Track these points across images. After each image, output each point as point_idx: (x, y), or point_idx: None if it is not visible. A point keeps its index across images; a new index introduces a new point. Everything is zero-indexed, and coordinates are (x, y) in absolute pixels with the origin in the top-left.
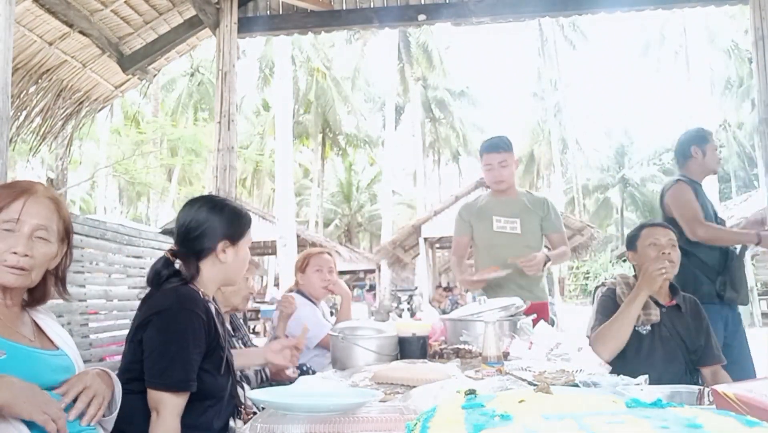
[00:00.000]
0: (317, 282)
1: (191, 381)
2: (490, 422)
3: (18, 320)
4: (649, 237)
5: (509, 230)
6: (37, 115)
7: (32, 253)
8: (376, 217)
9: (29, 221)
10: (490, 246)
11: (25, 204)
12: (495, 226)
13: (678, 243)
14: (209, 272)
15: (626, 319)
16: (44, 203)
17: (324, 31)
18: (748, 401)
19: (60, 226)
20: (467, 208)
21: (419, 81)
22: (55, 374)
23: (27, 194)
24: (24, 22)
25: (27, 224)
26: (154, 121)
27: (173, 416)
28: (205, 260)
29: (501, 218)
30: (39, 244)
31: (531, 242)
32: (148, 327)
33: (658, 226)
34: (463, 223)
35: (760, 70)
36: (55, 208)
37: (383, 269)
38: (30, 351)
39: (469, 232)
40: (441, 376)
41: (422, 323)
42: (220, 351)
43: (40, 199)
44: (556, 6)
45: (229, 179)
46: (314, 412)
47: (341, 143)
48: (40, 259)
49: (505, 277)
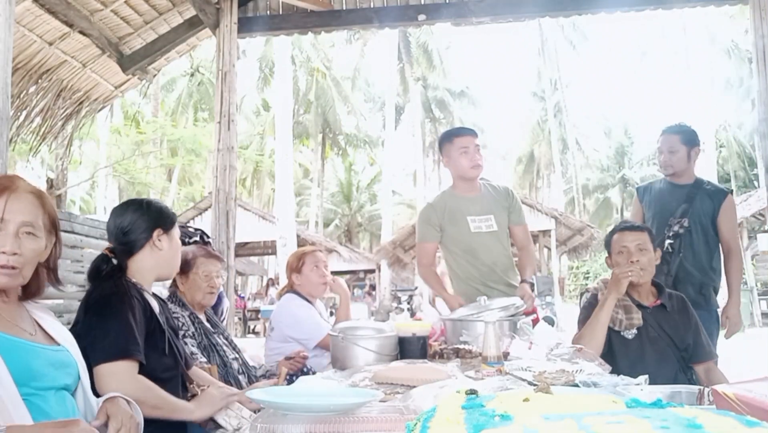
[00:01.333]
0: (316, 279)
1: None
2: (490, 422)
3: (18, 316)
4: (619, 243)
5: (485, 228)
6: (37, 115)
7: (21, 250)
8: (376, 217)
9: (14, 218)
10: (469, 249)
11: (7, 202)
12: (472, 227)
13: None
14: (147, 261)
15: (597, 325)
16: (27, 198)
17: (324, 31)
18: (748, 401)
19: (46, 219)
20: (433, 210)
21: (419, 81)
22: (56, 369)
23: (8, 192)
24: (24, 22)
25: (12, 222)
26: (154, 121)
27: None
28: (141, 251)
29: (475, 217)
30: (27, 240)
31: (504, 239)
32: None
33: (629, 230)
34: (430, 227)
35: (760, 70)
36: (39, 202)
37: (383, 269)
38: (31, 346)
39: (438, 237)
40: (441, 376)
41: (422, 323)
42: (160, 333)
43: (22, 195)
44: (556, 6)
45: (229, 179)
46: (314, 412)
47: (341, 143)
48: (29, 255)
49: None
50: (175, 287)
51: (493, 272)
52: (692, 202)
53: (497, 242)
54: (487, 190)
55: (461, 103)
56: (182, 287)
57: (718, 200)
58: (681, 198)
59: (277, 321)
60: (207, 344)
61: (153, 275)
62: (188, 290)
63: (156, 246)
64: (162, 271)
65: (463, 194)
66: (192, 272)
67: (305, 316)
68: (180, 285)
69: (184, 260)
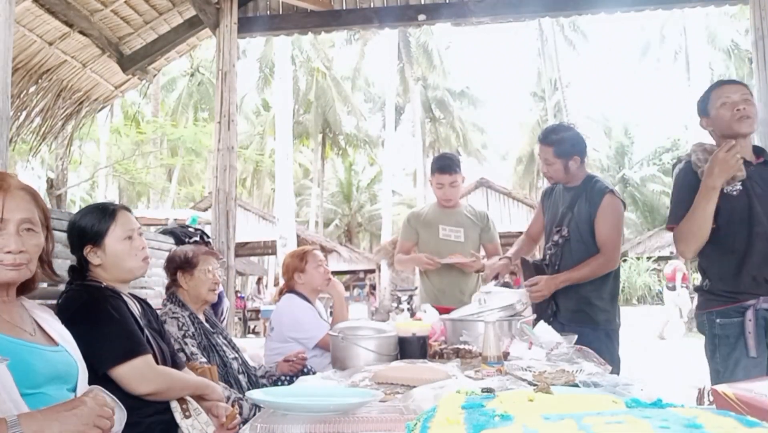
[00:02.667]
0: (319, 277)
1: (141, 342)
2: (490, 422)
3: (17, 315)
4: (720, 97)
5: (453, 238)
6: (37, 115)
7: (25, 247)
8: (376, 217)
9: (13, 217)
10: (436, 252)
11: (4, 201)
12: (441, 234)
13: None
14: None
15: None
16: (22, 196)
17: (324, 31)
18: (748, 401)
19: (41, 214)
20: (415, 216)
21: (419, 81)
22: (56, 370)
23: (2, 191)
24: (24, 22)
25: (12, 221)
26: (154, 121)
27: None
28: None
29: (446, 226)
30: (28, 236)
31: (467, 251)
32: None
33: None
34: (410, 229)
35: (760, 70)
36: (32, 198)
37: (383, 269)
38: (30, 346)
39: (415, 238)
40: (441, 376)
41: (422, 323)
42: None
43: (16, 193)
44: (556, 6)
45: (229, 179)
46: (314, 412)
47: (341, 143)
48: (32, 250)
49: (449, 283)
50: (176, 286)
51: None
52: (573, 208)
53: (461, 251)
54: (466, 210)
55: (461, 103)
56: (186, 285)
57: (595, 203)
58: (566, 203)
59: (277, 321)
60: (207, 344)
61: (113, 279)
62: (193, 288)
63: (92, 261)
64: (119, 275)
65: (442, 208)
66: (197, 270)
67: (305, 316)
68: (183, 284)
69: (187, 259)
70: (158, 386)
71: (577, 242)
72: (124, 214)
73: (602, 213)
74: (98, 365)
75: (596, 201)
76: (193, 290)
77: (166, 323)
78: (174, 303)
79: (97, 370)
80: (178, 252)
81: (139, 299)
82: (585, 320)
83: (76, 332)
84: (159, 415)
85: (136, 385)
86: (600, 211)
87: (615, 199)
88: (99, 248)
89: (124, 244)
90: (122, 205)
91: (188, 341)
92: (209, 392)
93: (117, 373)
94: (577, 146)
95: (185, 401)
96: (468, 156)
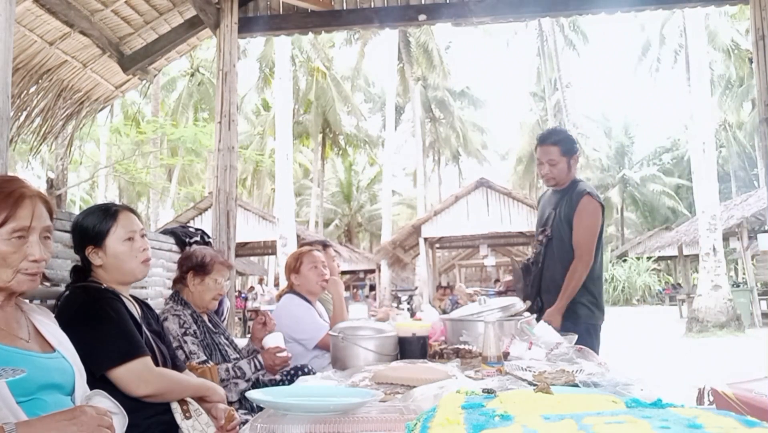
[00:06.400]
0: (314, 279)
1: (139, 346)
2: (490, 422)
3: (14, 322)
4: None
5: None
6: (37, 116)
7: (45, 255)
8: (376, 217)
9: (39, 225)
10: None
11: (34, 210)
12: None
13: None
14: (99, 272)
15: None
16: (41, 204)
17: (324, 31)
18: (748, 401)
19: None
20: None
21: (419, 81)
22: (51, 376)
23: (30, 199)
24: (24, 22)
25: (37, 228)
26: (154, 121)
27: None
28: (91, 264)
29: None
30: (47, 244)
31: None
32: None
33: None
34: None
35: (760, 70)
36: (47, 206)
37: (383, 269)
38: (24, 354)
39: None
40: (441, 376)
41: (422, 323)
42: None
43: (37, 201)
44: (556, 6)
45: (230, 179)
46: (314, 412)
47: (341, 143)
48: (48, 257)
49: None
50: (183, 285)
51: None
52: (557, 209)
53: None
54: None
55: (461, 103)
56: (193, 287)
57: (574, 205)
58: (552, 205)
59: (277, 322)
60: (210, 343)
61: (114, 281)
62: (199, 292)
63: (94, 262)
64: (119, 276)
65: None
66: (208, 277)
67: (305, 316)
68: (191, 285)
69: (203, 263)
70: (157, 388)
71: (558, 241)
72: (126, 215)
73: (578, 215)
74: (96, 366)
75: (575, 202)
76: (198, 294)
77: (167, 320)
78: (177, 301)
79: (95, 372)
80: (197, 253)
81: (139, 301)
82: (566, 315)
83: (74, 334)
84: (159, 416)
85: (135, 387)
86: (577, 213)
87: (592, 201)
88: (100, 248)
89: (125, 245)
90: (125, 205)
91: (188, 339)
92: (210, 394)
93: (115, 375)
94: (575, 145)
95: (186, 402)
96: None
